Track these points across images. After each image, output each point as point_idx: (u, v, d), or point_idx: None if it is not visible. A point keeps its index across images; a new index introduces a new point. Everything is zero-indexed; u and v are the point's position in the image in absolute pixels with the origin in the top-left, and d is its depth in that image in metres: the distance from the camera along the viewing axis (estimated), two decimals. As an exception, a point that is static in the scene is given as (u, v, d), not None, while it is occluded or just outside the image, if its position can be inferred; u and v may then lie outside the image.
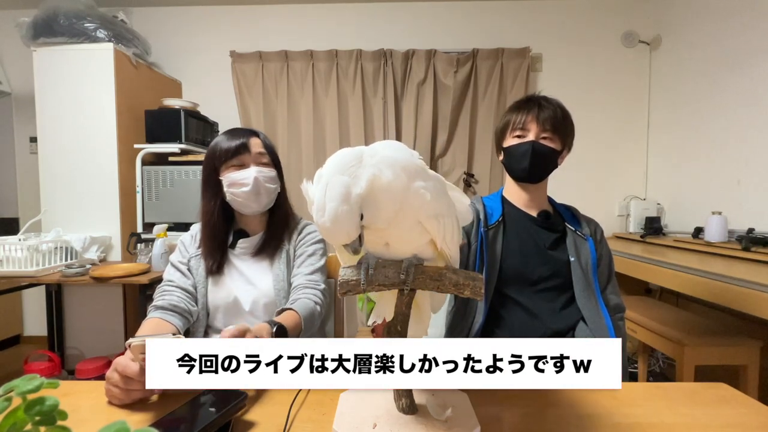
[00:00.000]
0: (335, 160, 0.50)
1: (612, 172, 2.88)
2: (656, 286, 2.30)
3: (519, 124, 1.06)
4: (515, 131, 1.07)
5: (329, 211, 0.47)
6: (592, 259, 1.05)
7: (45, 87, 2.31)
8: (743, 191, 2.07)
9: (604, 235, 1.13)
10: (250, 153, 1.04)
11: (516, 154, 1.06)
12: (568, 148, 1.11)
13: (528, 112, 1.06)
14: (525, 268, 1.03)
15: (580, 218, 1.14)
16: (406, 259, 0.56)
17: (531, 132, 1.05)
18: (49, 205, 2.32)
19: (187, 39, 2.95)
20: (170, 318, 0.95)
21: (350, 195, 0.47)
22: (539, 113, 1.04)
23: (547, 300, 1.02)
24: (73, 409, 0.65)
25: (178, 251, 1.10)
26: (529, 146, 1.03)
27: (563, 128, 1.06)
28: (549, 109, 1.06)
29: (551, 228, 1.09)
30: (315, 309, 0.99)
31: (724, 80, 2.19)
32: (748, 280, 1.33)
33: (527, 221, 1.09)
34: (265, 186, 1.04)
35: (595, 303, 1.01)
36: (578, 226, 1.11)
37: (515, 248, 1.05)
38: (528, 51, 2.76)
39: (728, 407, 0.67)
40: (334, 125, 2.80)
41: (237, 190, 1.02)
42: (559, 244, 1.08)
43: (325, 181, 0.47)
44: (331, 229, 0.48)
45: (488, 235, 1.05)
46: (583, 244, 1.07)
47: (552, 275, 1.03)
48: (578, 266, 1.03)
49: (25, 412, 0.30)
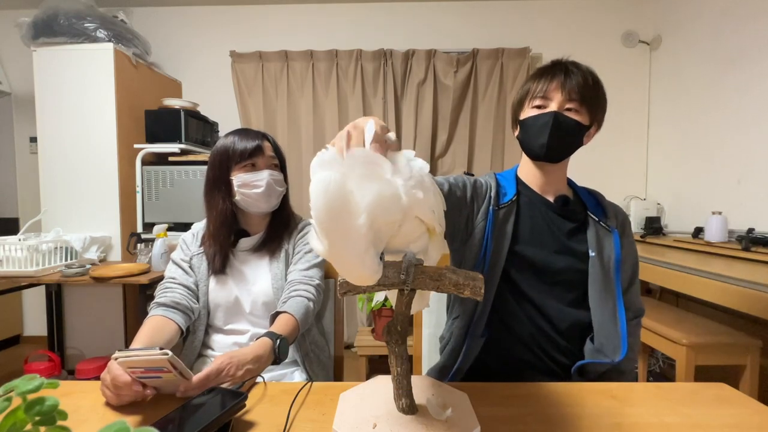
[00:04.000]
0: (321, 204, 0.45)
1: (612, 172, 2.88)
2: (656, 286, 2.29)
3: (540, 92, 0.89)
4: (535, 100, 0.90)
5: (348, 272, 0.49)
6: (615, 255, 0.90)
7: (45, 87, 2.31)
8: (743, 191, 2.07)
9: (630, 228, 0.98)
10: (264, 155, 1.06)
11: (534, 128, 0.90)
12: (598, 125, 0.94)
13: (552, 78, 0.89)
14: (536, 257, 0.90)
15: (606, 206, 0.97)
16: (406, 259, 0.56)
17: (554, 101, 0.88)
18: (49, 205, 2.32)
19: (187, 39, 2.95)
20: (172, 315, 0.96)
21: (357, 246, 0.47)
22: (565, 80, 0.88)
23: (555, 294, 0.90)
24: (73, 409, 0.65)
25: (180, 249, 1.10)
26: (550, 117, 0.87)
27: (593, 99, 0.90)
28: (578, 75, 0.88)
29: (569, 216, 0.94)
30: (308, 306, 0.99)
31: (723, 80, 2.19)
32: (748, 280, 1.33)
33: (542, 206, 0.94)
34: (276, 189, 1.07)
35: (613, 307, 0.87)
36: (603, 216, 0.94)
37: (527, 234, 0.92)
38: (528, 51, 2.76)
39: (728, 407, 0.67)
40: (334, 125, 2.80)
41: (249, 191, 1.04)
42: (577, 235, 0.93)
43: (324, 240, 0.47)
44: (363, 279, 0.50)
45: (497, 215, 0.91)
46: (607, 237, 0.91)
47: (566, 269, 0.90)
48: (598, 263, 0.89)
49: (25, 412, 0.30)
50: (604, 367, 0.86)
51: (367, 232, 0.46)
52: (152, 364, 0.64)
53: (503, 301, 0.91)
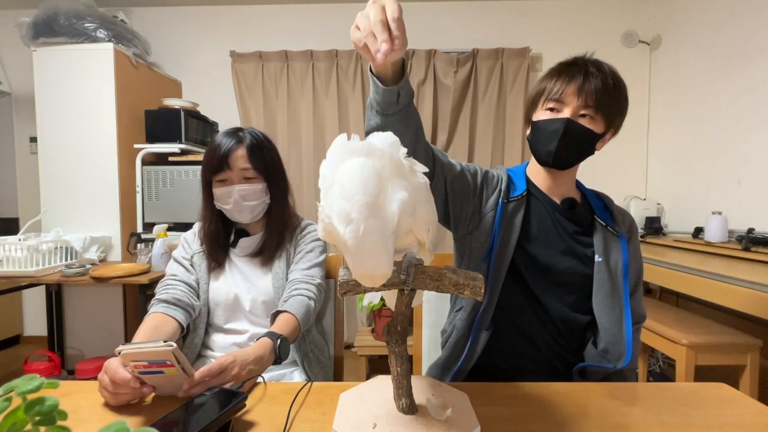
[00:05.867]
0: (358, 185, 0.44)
1: (612, 172, 2.88)
2: (656, 286, 2.29)
3: (555, 94, 0.85)
4: (549, 103, 0.87)
5: (370, 265, 0.45)
6: (623, 261, 0.88)
7: (45, 87, 2.31)
8: (743, 191, 2.07)
9: (637, 234, 0.97)
10: (233, 169, 1.02)
11: (544, 133, 0.87)
12: (615, 130, 0.90)
13: (570, 80, 0.85)
14: (541, 256, 0.89)
15: (614, 211, 0.95)
16: (406, 259, 0.56)
17: (568, 107, 0.85)
18: (49, 205, 2.32)
19: (187, 39, 2.95)
20: (173, 312, 0.96)
21: (387, 241, 0.44)
22: (583, 83, 0.83)
23: (559, 295, 0.89)
24: (73, 409, 0.65)
25: (181, 247, 1.11)
26: (562, 125, 0.84)
27: (612, 105, 0.86)
28: (597, 78, 0.84)
29: (576, 220, 0.92)
30: (309, 305, 0.99)
31: (724, 80, 2.19)
32: (748, 280, 1.33)
33: (549, 206, 0.93)
34: (246, 204, 1.03)
35: (619, 313, 0.86)
36: (610, 221, 0.92)
37: (534, 231, 0.91)
38: (528, 51, 2.76)
39: (728, 407, 0.67)
40: (334, 125, 2.80)
41: (222, 205, 1.05)
42: (583, 238, 0.92)
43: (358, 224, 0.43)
44: (371, 276, 0.46)
45: (507, 207, 0.89)
46: (614, 243, 0.90)
47: (569, 271, 0.89)
48: (605, 268, 0.88)
49: (25, 412, 0.30)
50: (605, 372, 0.85)
51: (397, 222, 0.45)
52: (156, 357, 0.64)
53: (510, 295, 0.89)
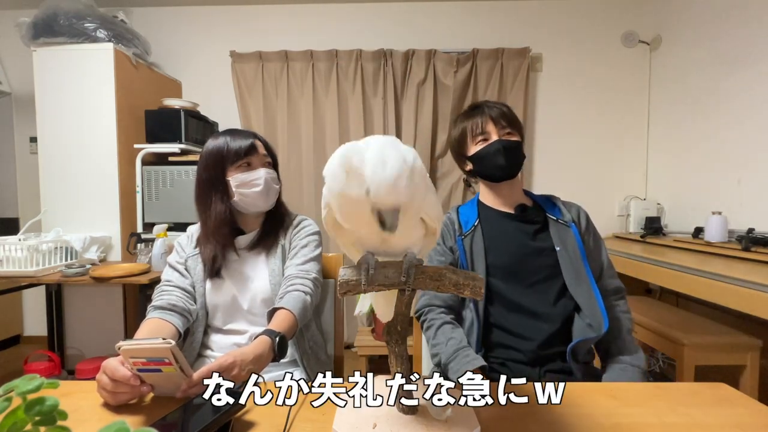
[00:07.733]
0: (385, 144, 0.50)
1: (612, 172, 2.88)
2: (656, 286, 2.30)
3: (478, 129, 1.08)
4: (477, 137, 1.09)
5: (390, 169, 0.47)
6: (578, 245, 1.04)
7: (45, 87, 2.31)
8: (743, 191, 2.07)
9: (590, 219, 1.12)
10: (258, 154, 1.06)
11: (488, 156, 1.06)
12: (523, 139, 1.14)
13: (482, 115, 1.08)
14: (511, 265, 1.03)
15: (561, 206, 1.12)
16: (406, 260, 0.56)
17: (492, 133, 1.07)
18: (49, 205, 2.32)
19: (187, 39, 2.95)
20: (170, 317, 0.95)
21: (407, 160, 0.48)
22: (493, 114, 1.07)
23: (540, 293, 1.01)
24: (73, 409, 0.65)
25: (175, 252, 1.11)
26: (499, 145, 1.05)
27: (516, 122, 1.10)
28: (498, 108, 1.09)
29: (530, 220, 1.09)
30: (306, 300, 0.99)
31: (724, 80, 2.19)
32: (748, 280, 1.33)
33: (504, 219, 1.10)
34: (273, 186, 1.08)
35: (588, 290, 1.00)
36: (559, 214, 1.10)
37: (499, 246, 1.05)
38: (528, 51, 2.76)
39: (728, 407, 0.67)
40: (334, 125, 2.80)
41: (248, 191, 1.04)
42: (540, 234, 1.07)
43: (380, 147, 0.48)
44: (393, 184, 0.47)
45: (465, 242, 1.06)
46: (566, 232, 1.06)
47: (540, 267, 1.03)
48: (565, 254, 1.02)
49: (25, 412, 0.30)
50: (591, 342, 0.98)
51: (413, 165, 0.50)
52: (155, 354, 0.64)
53: (493, 313, 1.02)
